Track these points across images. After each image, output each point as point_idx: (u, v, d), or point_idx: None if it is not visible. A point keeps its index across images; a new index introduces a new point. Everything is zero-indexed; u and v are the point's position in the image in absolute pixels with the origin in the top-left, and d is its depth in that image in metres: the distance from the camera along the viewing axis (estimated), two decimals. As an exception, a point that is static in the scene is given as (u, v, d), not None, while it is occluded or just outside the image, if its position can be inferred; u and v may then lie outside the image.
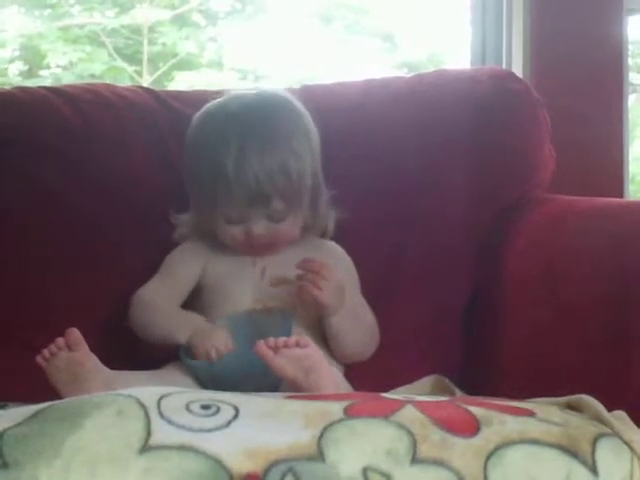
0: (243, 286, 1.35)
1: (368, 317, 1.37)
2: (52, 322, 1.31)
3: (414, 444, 0.83)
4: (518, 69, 1.84)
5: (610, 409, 0.95)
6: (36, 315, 1.41)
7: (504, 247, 1.46)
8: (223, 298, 1.35)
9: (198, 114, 1.37)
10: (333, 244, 1.42)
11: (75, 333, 1.13)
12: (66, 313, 1.40)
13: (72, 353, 1.13)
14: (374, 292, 1.44)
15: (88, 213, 1.49)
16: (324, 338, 1.33)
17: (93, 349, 1.15)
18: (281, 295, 1.33)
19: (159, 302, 1.34)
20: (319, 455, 0.81)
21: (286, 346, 1.09)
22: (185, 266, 1.38)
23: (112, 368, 1.18)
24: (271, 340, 1.09)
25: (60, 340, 1.13)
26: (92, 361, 1.14)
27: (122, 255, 1.48)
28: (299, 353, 1.09)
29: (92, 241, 1.48)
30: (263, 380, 1.13)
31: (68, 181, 1.49)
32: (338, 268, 1.33)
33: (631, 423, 0.95)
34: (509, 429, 0.87)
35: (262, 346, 1.08)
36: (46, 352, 1.13)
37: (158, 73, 2.87)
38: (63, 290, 1.44)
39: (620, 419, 0.95)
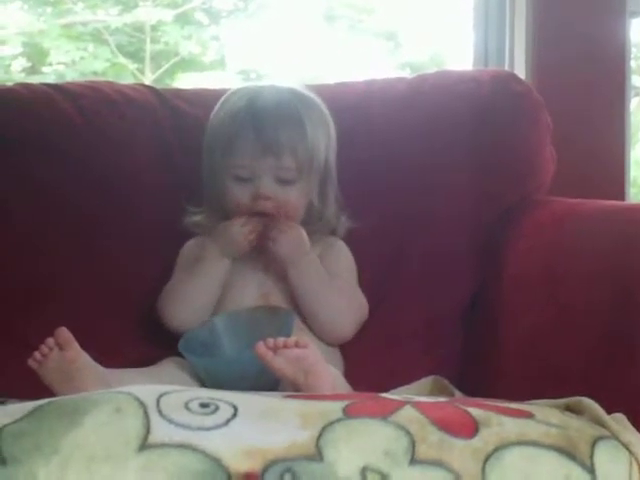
0: (248, 279, 1.36)
1: (348, 291, 1.37)
2: (48, 318, 1.31)
3: (412, 444, 0.83)
4: (520, 71, 1.84)
5: (609, 411, 0.95)
6: (32, 311, 1.41)
7: (505, 248, 1.46)
8: (228, 291, 1.36)
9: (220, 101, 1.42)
10: (335, 238, 1.43)
11: (65, 332, 1.13)
12: (63, 310, 1.40)
13: (63, 352, 1.12)
14: (376, 292, 1.44)
15: (89, 210, 1.49)
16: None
17: (85, 346, 1.15)
18: (287, 289, 1.33)
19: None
20: (317, 455, 0.81)
21: (285, 346, 1.09)
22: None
23: (107, 365, 1.17)
24: (270, 340, 1.09)
25: (50, 340, 1.13)
26: (84, 359, 1.14)
27: (122, 252, 1.48)
28: (298, 353, 1.09)
29: (92, 238, 1.48)
30: (262, 378, 1.14)
31: (69, 178, 1.49)
32: (338, 258, 1.38)
33: (630, 426, 0.95)
34: (508, 431, 0.87)
35: (261, 347, 1.08)
36: (37, 354, 1.13)
37: (160, 71, 2.87)
38: (61, 287, 1.44)
39: (619, 422, 0.95)
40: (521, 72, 1.83)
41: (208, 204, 1.41)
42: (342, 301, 1.35)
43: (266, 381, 1.13)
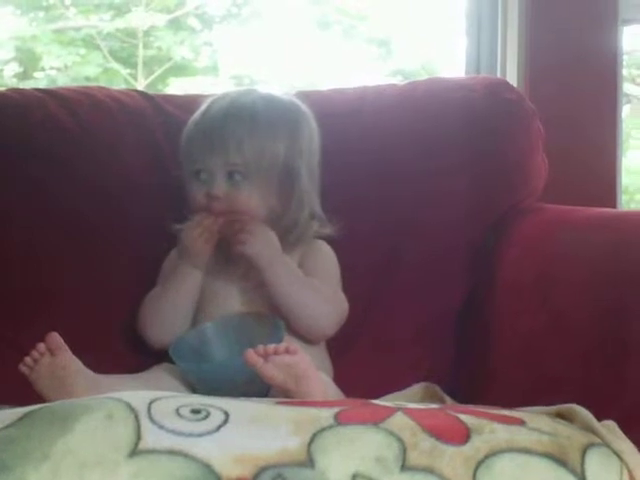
0: (228, 288, 1.35)
1: (325, 289, 1.35)
2: (40, 323, 1.31)
3: (404, 451, 0.83)
4: (512, 78, 1.85)
5: (600, 419, 0.95)
6: (24, 316, 1.40)
7: (497, 255, 1.46)
8: (209, 300, 1.35)
9: None
10: (315, 240, 1.41)
11: (56, 337, 1.12)
12: (54, 314, 1.40)
13: (54, 358, 1.12)
14: (368, 298, 1.44)
15: (81, 214, 1.49)
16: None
17: (78, 352, 1.15)
18: (267, 299, 1.33)
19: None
20: (309, 461, 0.81)
21: (275, 353, 1.08)
22: None
23: (98, 371, 1.17)
24: (260, 348, 1.08)
25: (41, 345, 1.12)
26: (75, 364, 1.14)
27: (116, 256, 1.48)
28: (288, 360, 1.09)
29: (86, 242, 1.48)
30: (252, 385, 1.13)
31: (62, 183, 1.49)
32: (316, 258, 1.37)
33: (621, 433, 0.95)
34: (499, 438, 0.87)
35: (251, 354, 1.08)
36: (29, 360, 1.12)
37: (153, 77, 2.87)
38: (53, 291, 1.44)
39: (610, 429, 0.95)
40: (513, 79, 1.84)
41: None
42: (318, 299, 1.33)
43: (257, 387, 1.13)
